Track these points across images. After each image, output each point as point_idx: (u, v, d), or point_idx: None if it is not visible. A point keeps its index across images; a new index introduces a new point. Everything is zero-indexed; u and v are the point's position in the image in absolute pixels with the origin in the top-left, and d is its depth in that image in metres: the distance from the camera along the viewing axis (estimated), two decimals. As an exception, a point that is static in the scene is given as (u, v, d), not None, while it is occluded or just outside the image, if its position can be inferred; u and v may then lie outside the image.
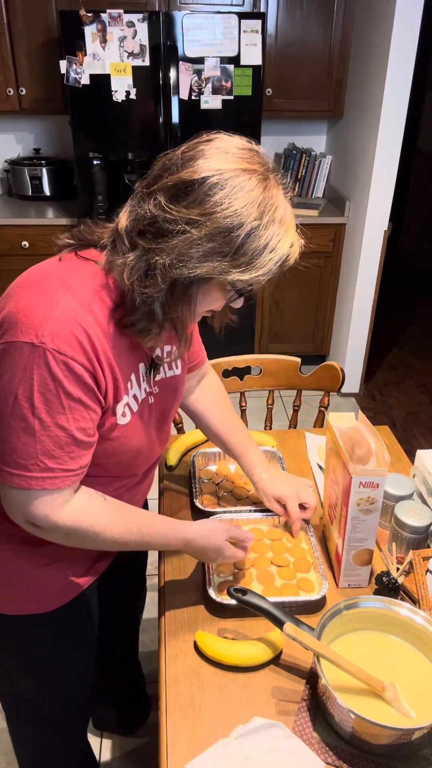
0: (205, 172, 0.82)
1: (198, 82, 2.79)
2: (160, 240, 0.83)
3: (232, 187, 0.82)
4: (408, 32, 2.67)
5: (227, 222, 0.81)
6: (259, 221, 0.83)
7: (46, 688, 1.20)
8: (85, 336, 0.85)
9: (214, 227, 0.81)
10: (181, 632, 1.09)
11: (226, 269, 0.83)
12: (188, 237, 0.81)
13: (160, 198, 0.83)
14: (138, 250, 0.85)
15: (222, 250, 0.82)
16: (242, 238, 0.82)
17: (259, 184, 0.84)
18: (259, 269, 0.85)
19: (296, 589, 1.15)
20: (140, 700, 1.75)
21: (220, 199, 0.81)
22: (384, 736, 0.88)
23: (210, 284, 0.88)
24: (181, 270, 0.83)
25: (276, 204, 0.86)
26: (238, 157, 0.86)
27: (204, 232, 0.81)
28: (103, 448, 0.96)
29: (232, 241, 0.82)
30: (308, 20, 3.09)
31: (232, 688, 1.00)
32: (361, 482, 1.05)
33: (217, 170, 0.82)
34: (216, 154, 0.85)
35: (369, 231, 3.09)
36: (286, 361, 1.87)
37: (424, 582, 1.14)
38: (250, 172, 0.84)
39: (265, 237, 0.84)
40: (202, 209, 0.81)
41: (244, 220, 0.82)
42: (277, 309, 3.51)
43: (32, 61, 3.04)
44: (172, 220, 0.82)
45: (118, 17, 2.64)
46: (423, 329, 4.40)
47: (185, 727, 0.94)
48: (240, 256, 0.83)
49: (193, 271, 0.83)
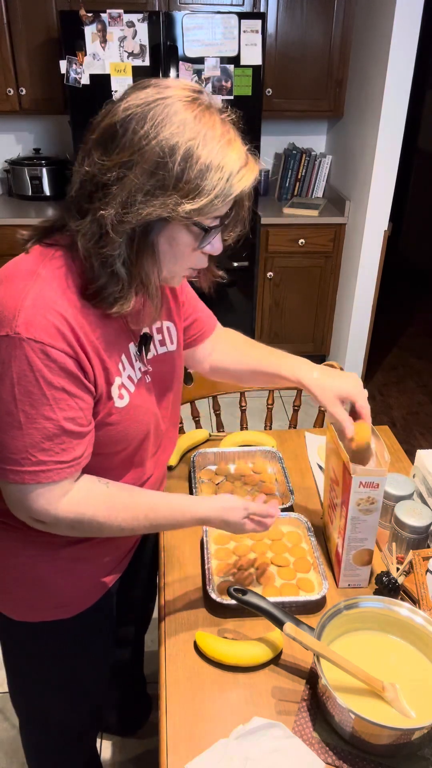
0: (124, 111, 0.79)
1: (198, 82, 2.79)
2: (103, 195, 0.79)
3: (155, 116, 0.78)
4: (408, 32, 2.67)
5: (158, 151, 0.77)
6: (194, 141, 0.77)
7: (63, 694, 1.19)
8: (62, 320, 0.82)
9: (149, 161, 0.77)
10: (181, 632, 1.09)
11: (175, 202, 0.78)
12: (126, 180, 0.78)
13: (93, 155, 0.81)
14: (89, 215, 0.81)
15: (164, 183, 0.78)
16: (179, 163, 0.77)
17: (186, 106, 0.79)
18: (210, 192, 0.79)
19: (296, 589, 1.15)
20: (141, 701, 1.75)
21: (146, 132, 0.77)
22: (384, 736, 0.88)
23: (170, 228, 0.82)
24: (129, 217, 0.78)
25: (211, 121, 0.80)
26: (159, 88, 0.81)
27: (140, 170, 0.77)
28: (107, 434, 0.94)
29: (170, 170, 0.77)
30: (308, 20, 3.09)
31: (232, 688, 1.00)
32: (361, 482, 1.05)
33: (137, 105, 0.79)
34: (134, 92, 0.82)
35: (369, 231, 3.09)
36: (286, 361, 1.86)
37: (424, 582, 1.14)
38: (174, 98, 0.79)
39: (205, 155, 0.78)
40: (132, 148, 0.78)
41: (176, 143, 0.77)
42: (277, 309, 3.51)
43: (32, 61, 3.04)
44: (107, 170, 0.79)
45: (118, 17, 2.64)
46: (423, 329, 4.40)
47: (185, 727, 0.94)
48: (184, 183, 0.78)
49: (141, 213, 0.78)
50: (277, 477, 1.46)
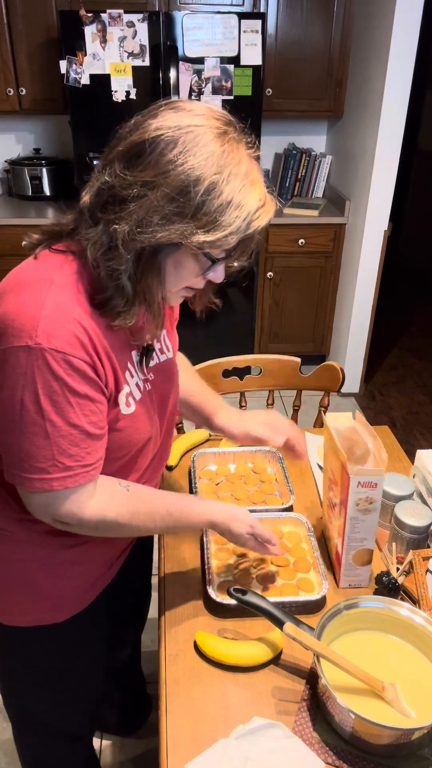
0: (155, 131, 0.79)
1: (198, 82, 2.79)
2: (119, 209, 0.79)
3: (186, 143, 0.78)
4: (408, 32, 2.67)
5: (184, 179, 0.77)
6: (219, 175, 0.78)
7: (57, 698, 1.19)
8: (80, 329, 0.83)
9: (172, 186, 0.77)
10: (181, 632, 1.09)
11: (190, 231, 0.79)
12: (146, 200, 0.78)
13: (116, 166, 0.80)
14: (101, 225, 0.82)
15: (182, 211, 0.78)
16: (202, 195, 0.77)
17: (216, 138, 0.79)
18: (226, 228, 0.80)
19: (296, 589, 1.15)
20: (140, 702, 1.74)
21: (175, 157, 0.77)
22: (384, 736, 0.88)
23: (179, 252, 0.83)
24: (142, 237, 0.78)
25: (238, 157, 0.80)
26: (192, 114, 0.81)
27: (161, 193, 0.77)
28: (111, 440, 0.94)
29: (191, 200, 0.77)
30: (308, 20, 3.09)
31: (232, 688, 1.00)
32: (359, 482, 1.05)
33: (169, 128, 0.78)
34: (168, 113, 0.81)
35: (369, 231, 3.09)
36: (286, 361, 1.87)
37: (424, 582, 1.14)
38: (206, 127, 0.79)
39: (227, 192, 0.78)
40: (157, 170, 0.78)
41: (202, 174, 0.77)
42: (277, 309, 3.51)
43: (32, 61, 3.04)
44: (128, 186, 0.79)
45: (118, 17, 2.64)
46: (423, 329, 4.40)
47: (185, 727, 0.94)
48: (202, 215, 0.78)
49: (155, 236, 0.78)
50: (277, 477, 1.46)
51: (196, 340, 3.36)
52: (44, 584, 1.04)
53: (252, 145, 0.85)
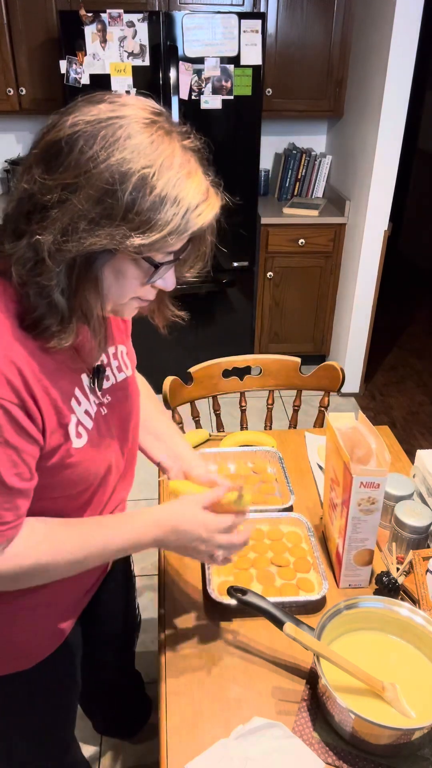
0: (71, 127, 0.70)
1: (198, 82, 2.79)
2: (41, 218, 0.71)
3: (107, 137, 0.69)
4: (408, 32, 2.67)
5: (108, 177, 0.68)
6: (149, 169, 0.69)
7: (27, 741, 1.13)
8: (7, 363, 0.73)
9: (96, 187, 0.69)
10: (181, 632, 1.09)
11: (123, 235, 0.70)
12: (69, 205, 0.69)
13: (34, 170, 0.71)
14: (25, 238, 0.72)
15: (111, 213, 0.69)
16: (131, 193, 0.69)
17: (143, 128, 0.71)
18: (163, 227, 0.71)
19: (296, 589, 1.15)
20: (140, 704, 1.73)
21: (96, 153, 0.68)
22: (384, 736, 0.88)
23: (116, 259, 0.75)
24: (69, 246, 0.69)
25: (170, 148, 0.72)
26: (113, 105, 0.72)
27: (85, 195, 0.69)
28: (67, 477, 0.86)
29: (119, 199, 0.69)
30: (308, 20, 3.09)
31: (232, 688, 1.00)
32: (362, 482, 1.05)
33: (87, 122, 0.70)
34: (86, 106, 0.72)
35: (369, 231, 3.09)
36: (286, 361, 1.87)
37: (424, 582, 1.14)
38: (129, 118, 0.71)
39: (160, 186, 0.70)
40: (78, 170, 0.69)
41: (129, 170, 0.69)
42: (277, 309, 3.51)
43: (32, 61, 3.04)
44: (47, 191, 0.70)
45: (118, 17, 2.64)
46: (423, 329, 4.40)
47: (185, 727, 0.94)
48: (134, 215, 0.70)
49: (83, 243, 0.69)
50: (277, 477, 1.46)
51: (196, 340, 3.37)
52: (7, 631, 0.96)
53: (188, 135, 0.77)
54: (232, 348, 3.33)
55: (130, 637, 1.49)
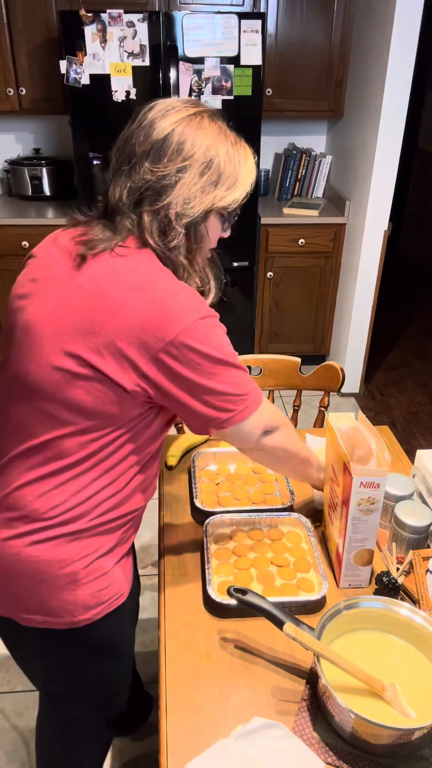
0: (168, 127, 0.96)
1: (198, 82, 2.79)
2: (162, 197, 0.95)
3: (194, 130, 0.97)
4: (408, 32, 2.67)
5: (207, 155, 0.97)
6: (227, 146, 0.99)
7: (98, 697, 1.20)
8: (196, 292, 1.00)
9: (199, 164, 0.96)
10: (181, 632, 1.09)
11: (221, 194, 0.99)
12: (185, 181, 0.96)
13: (145, 164, 0.96)
14: (146, 216, 0.97)
15: (212, 180, 0.97)
16: (223, 164, 0.98)
17: (209, 122, 0.99)
18: (243, 184, 1.01)
19: (296, 589, 1.15)
20: (140, 702, 1.74)
21: (192, 141, 0.96)
22: (384, 736, 0.88)
23: (211, 217, 1.01)
24: (191, 210, 0.96)
25: (223, 130, 1.01)
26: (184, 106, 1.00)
27: (194, 172, 0.96)
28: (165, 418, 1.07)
29: (217, 169, 0.97)
30: (308, 20, 3.09)
31: (232, 688, 1.00)
32: (362, 482, 1.05)
33: (176, 122, 0.96)
34: (166, 111, 0.98)
35: (369, 231, 3.09)
36: (286, 361, 1.87)
37: (424, 582, 1.14)
38: (199, 115, 0.99)
39: (236, 156, 1.00)
40: (183, 155, 0.95)
41: (218, 148, 0.98)
42: (277, 309, 3.51)
43: (32, 61, 3.04)
44: (165, 176, 0.95)
45: (118, 17, 2.64)
46: (423, 329, 4.40)
47: (185, 727, 0.94)
48: (226, 178, 0.99)
49: (200, 206, 0.97)
50: (277, 477, 1.46)
51: (196, 340, 3.36)
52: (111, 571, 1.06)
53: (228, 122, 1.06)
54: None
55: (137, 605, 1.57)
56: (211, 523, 1.27)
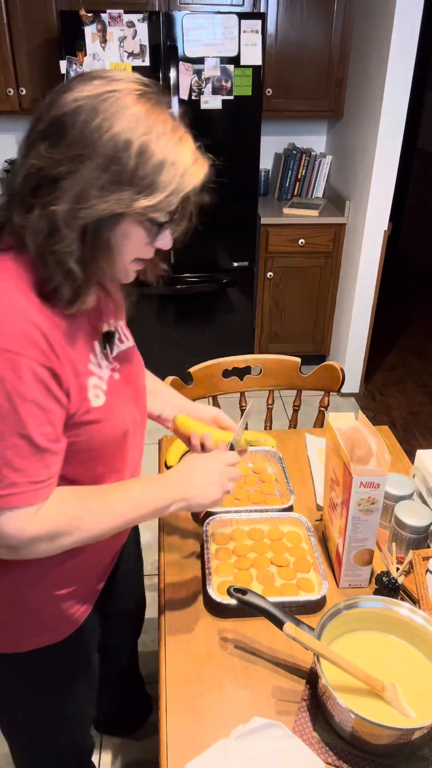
0: (73, 102, 0.77)
1: (198, 82, 2.79)
2: (53, 189, 0.76)
3: (107, 109, 0.76)
4: (408, 32, 2.67)
5: (113, 145, 0.75)
6: (148, 135, 0.76)
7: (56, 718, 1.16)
8: (30, 326, 0.78)
9: (102, 156, 0.75)
10: (181, 632, 1.09)
11: (131, 198, 0.77)
12: (79, 175, 0.75)
13: (40, 146, 0.77)
14: (35, 210, 0.77)
15: (119, 178, 0.76)
16: (135, 158, 0.76)
17: (137, 99, 0.78)
18: (165, 188, 0.78)
19: (296, 589, 1.15)
20: (140, 702, 1.74)
21: (99, 124, 0.75)
22: (384, 736, 0.88)
23: (124, 223, 0.80)
24: (83, 213, 0.75)
25: (163, 116, 0.79)
26: (107, 80, 0.79)
27: (93, 164, 0.75)
28: (88, 438, 0.90)
29: (126, 165, 0.76)
30: (308, 20, 3.09)
31: (232, 688, 1.00)
32: (362, 482, 1.05)
33: (86, 97, 0.77)
34: (80, 84, 0.79)
35: (369, 231, 3.09)
36: (286, 361, 1.87)
37: (424, 582, 1.14)
38: (124, 91, 0.78)
39: (159, 151, 0.77)
40: (83, 141, 0.75)
41: (130, 137, 0.75)
42: (277, 309, 3.51)
43: (32, 61, 3.04)
44: (57, 163, 0.76)
45: (118, 17, 2.64)
46: (423, 329, 4.39)
47: (185, 727, 0.94)
48: (139, 179, 0.77)
49: (96, 209, 0.76)
50: (277, 477, 1.46)
51: (196, 340, 3.37)
52: (39, 605, 0.99)
53: (170, 105, 0.85)
54: (232, 348, 3.33)
55: (141, 617, 1.53)
56: (211, 523, 1.27)
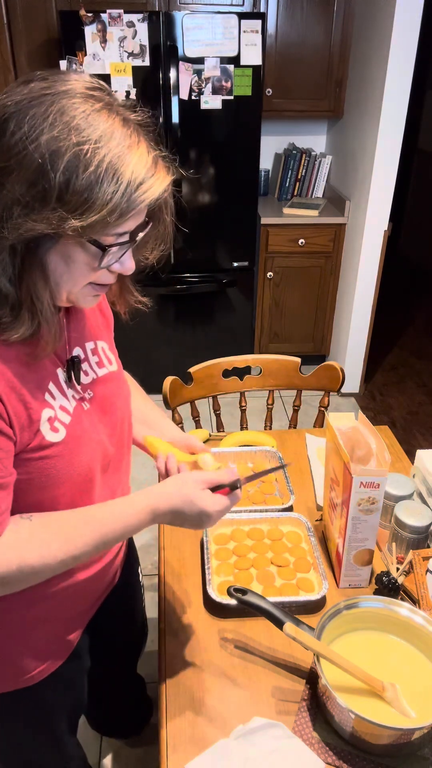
0: (1, 109, 0.67)
1: (198, 82, 2.79)
2: None
3: (37, 116, 0.65)
4: (408, 32, 2.67)
5: (38, 157, 0.64)
6: (83, 146, 0.65)
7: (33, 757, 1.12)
8: None
9: (28, 169, 0.65)
10: (181, 632, 1.09)
11: (60, 218, 0.66)
12: (4, 191, 0.66)
13: None
14: None
15: (45, 195, 0.65)
16: (64, 172, 0.65)
17: (79, 103, 0.67)
18: (103, 207, 0.67)
19: (296, 589, 1.15)
20: (141, 705, 1.72)
21: (25, 134, 0.65)
22: (384, 736, 0.88)
23: (61, 244, 0.70)
24: (5, 233, 0.66)
25: (109, 121, 0.68)
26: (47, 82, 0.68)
27: (17, 179, 0.65)
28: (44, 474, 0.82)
29: (52, 180, 0.65)
30: (308, 20, 3.09)
31: (232, 688, 1.00)
32: (362, 482, 1.05)
33: (16, 102, 0.66)
34: (17, 87, 0.69)
35: (369, 231, 3.09)
36: (286, 361, 1.87)
37: (424, 582, 1.14)
38: (63, 94, 0.67)
39: (96, 163, 0.66)
40: (8, 153, 0.65)
41: (59, 148, 0.65)
42: (277, 309, 3.51)
43: (32, 61, 3.04)
44: None
45: (118, 17, 2.64)
46: (423, 329, 4.39)
47: (185, 728, 0.94)
48: (70, 196, 0.66)
49: (19, 230, 0.66)
50: (277, 477, 1.46)
51: (196, 340, 3.37)
52: (9, 649, 0.94)
53: (134, 109, 0.74)
54: (232, 348, 3.33)
55: (137, 646, 1.46)
56: (211, 523, 1.27)
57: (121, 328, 1.10)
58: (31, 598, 0.91)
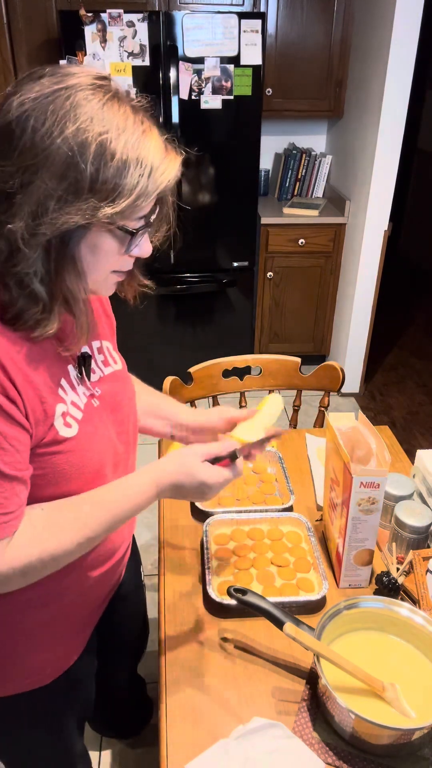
0: (19, 107, 0.68)
1: (198, 82, 2.79)
2: (7, 206, 0.69)
3: (57, 110, 0.67)
4: (408, 32, 2.67)
5: (66, 150, 0.67)
6: (106, 134, 0.68)
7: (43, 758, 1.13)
8: None
9: (57, 163, 0.67)
10: (181, 632, 1.09)
11: (94, 207, 0.69)
12: (33, 188, 0.67)
13: None
14: None
15: (78, 187, 0.68)
16: (93, 162, 0.67)
17: (91, 94, 0.69)
18: (132, 192, 0.70)
19: (296, 589, 1.15)
20: (141, 706, 1.72)
21: (49, 129, 0.67)
22: (384, 736, 0.88)
23: (91, 234, 0.73)
24: (42, 229, 0.68)
25: (122, 110, 0.71)
26: (56, 77, 0.70)
27: (47, 174, 0.67)
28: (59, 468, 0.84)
29: (83, 171, 0.67)
30: (308, 20, 3.09)
31: (232, 688, 1.00)
32: (362, 482, 1.05)
33: (34, 99, 0.68)
34: (28, 84, 0.70)
35: (369, 231, 3.09)
36: (286, 361, 1.87)
37: (424, 582, 1.14)
38: (75, 87, 0.69)
39: (120, 150, 0.69)
40: (34, 150, 0.67)
41: (85, 139, 0.67)
42: (277, 309, 3.51)
43: (32, 61, 3.04)
44: (8, 177, 0.68)
45: (118, 17, 2.64)
46: (423, 329, 4.39)
47: (185, 728, 0.94)
48: (101, 185, 0.68)
49: (56, 223, 0.68)
50: (277, 477, 1.46)
51: (196, 340, 3.37)
52: (22, 649, 0.95)
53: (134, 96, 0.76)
54: (232, 348, 3.33)
55: (139, 646, 1.48)
56: (211, 523, 1.27)
57: (122, 328, 1.10)
58: (45, 598, 0.92)
